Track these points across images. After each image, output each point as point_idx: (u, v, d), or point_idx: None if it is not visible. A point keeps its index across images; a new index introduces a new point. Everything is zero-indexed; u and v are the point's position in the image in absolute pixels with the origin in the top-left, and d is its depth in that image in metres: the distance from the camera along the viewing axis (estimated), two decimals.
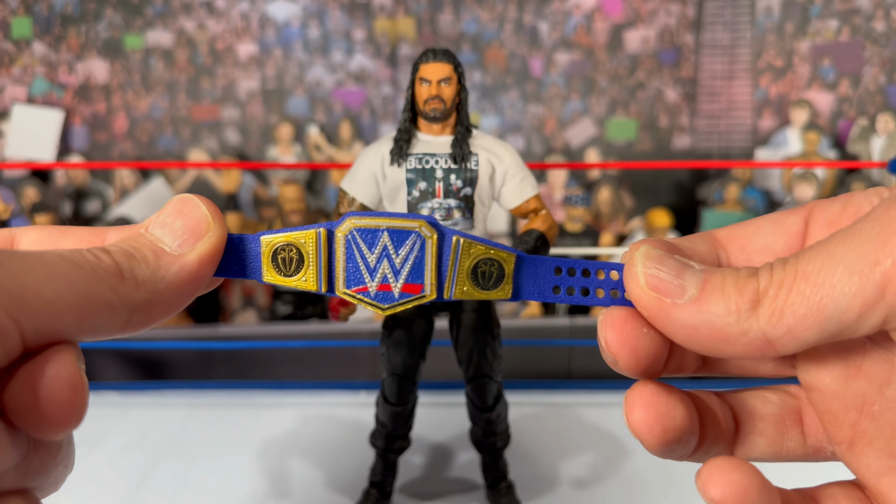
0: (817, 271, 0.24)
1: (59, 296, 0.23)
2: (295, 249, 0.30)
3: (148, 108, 2.66)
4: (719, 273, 0.26)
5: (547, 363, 1.68)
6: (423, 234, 0.29)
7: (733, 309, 0.25)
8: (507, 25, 2.66)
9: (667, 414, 0.28)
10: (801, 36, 2.60)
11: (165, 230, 0.28)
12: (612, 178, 2.54)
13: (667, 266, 0.27)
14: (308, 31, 2.64)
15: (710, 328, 0.25)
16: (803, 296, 0.24)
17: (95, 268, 0.25)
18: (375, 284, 0.30)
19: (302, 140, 2.65)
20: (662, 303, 0.26)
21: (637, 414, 0.28)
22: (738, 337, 0.25)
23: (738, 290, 0.25)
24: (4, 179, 2.56)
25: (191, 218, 0.29)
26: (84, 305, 0.24)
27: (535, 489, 1.16)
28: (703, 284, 0.26)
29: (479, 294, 0.30)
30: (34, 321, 0.22)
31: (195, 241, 0.28)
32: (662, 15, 2.63)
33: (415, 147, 0.95)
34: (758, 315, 0.25)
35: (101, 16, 2.60)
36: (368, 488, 1.09)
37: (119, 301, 0.25)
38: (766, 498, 0.26)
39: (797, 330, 0.24)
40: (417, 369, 1.02)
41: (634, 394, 0.28)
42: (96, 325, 0.24)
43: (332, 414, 1.44)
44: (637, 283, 0.27)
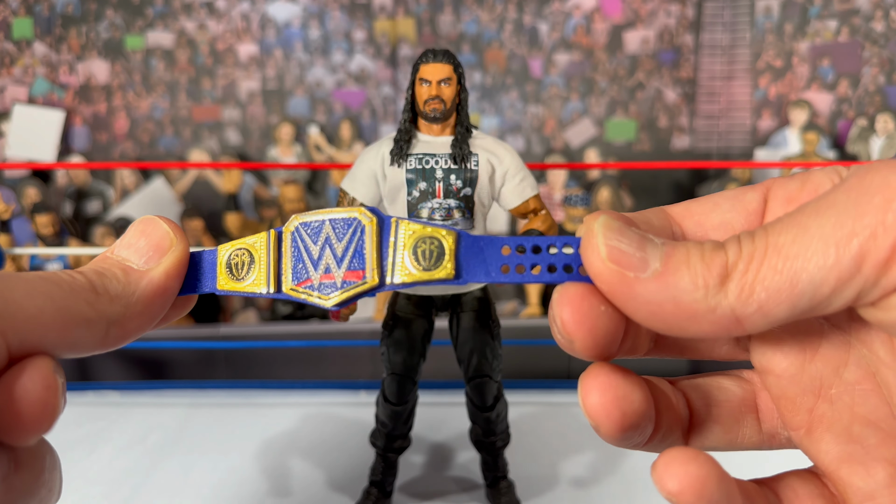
0: (790, 243, 0.22)
1: (41, 310, 0.24)
2: (246, 253, 0.31)
3: (149, 109, 2.67)
4: (682, 246, 0.24)
5: (546, 363, 1.68)
6: (362, 221, 0.30)
7: (700, 284, 0.23)
8: (507, 26, 2.66)
9: (625, 397, 0.26)
10: (801, 36, 2.61)
11: (131, 250, 0.30)
12: (611, 178, 2.55)
13: (628, 238, 0.25)
14: (308, 32, 2.64)
15: (676, 305, 0.23)
16: (775, 270, 0.22)
17: (72, 285, 0.26)
18: (318, 275, 0.30)
19: (302, 140, 2.66)
20: (624, 277, 0.24)
21: (593, 397, 0.26)
22: (706, 314, 0.23)
23: (704, 263, 0.24)
24: (5, 179, 2.56)
25: (153, 236, 0.30)
26: (65, 319, 0.25)
27: (534, 488, 1.17)
28: (667, 258, 0.24)
29: (422, 275, 0.29)
30: (19, 335, 0.23)
31: (159, 257, 0.30)
32: (662, 15, 2.64)
33: (415, 147, 0.96)
34: (727, 290, 0.23)
35: (101, 16, 2.60)
36: (369, 487, 1.09)
37: (96, 315, 0.26)
38: (724, 489, 0.24)
39: (768, 306, 0.23)
40: (417, 369, 1.02)
41: (590, 377, 0.26)
42: (77, 338, 0.25)
43: (333, 413, 1.45)
44: (598, 255, 0.25)
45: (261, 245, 0.31)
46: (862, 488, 0.25)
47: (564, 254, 0.28)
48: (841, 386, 0.26)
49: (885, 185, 0.21)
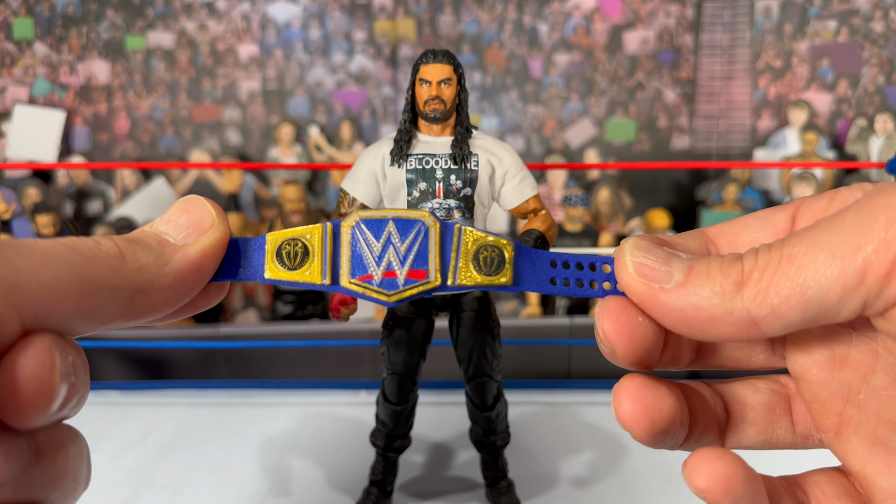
0: (802, 254, 0.25)
1: (56, 278, 0.22)
2: (300, 244, 0.31)
3: (149, 109, 2.67)
4: (705, 259, 0.28)
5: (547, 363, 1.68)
6: (426, 223, 0.31)
7: (717, 290, 0.26)
8: (507, 26, 2.66)
9: (654, 406, 0.28)
10: (800, 37, 2.61)
11: (170, 225, 0.29)
12: (611, 178, 2.55)
13: (654, 255, 0.28)
14: (309, 32, 2.65)
15: (697, 310, 0.26)
16: (787, 277, 0.25)
17: (94, 251, 0.25)
18: (381, 272, 0.31)
19: (303, 140, 2.66)
20: (651, 288, 0.27)
21: (625, 406, 0.29)
22: (724, 317, 0.26)
23: (722, 273, 0.26)
24: (6, 180, 2.56)
25: (195, 213, 0.29)
26: (83, 287, 0.23)
27: (534, 488, 1.17)
28: (689, 270, 0.27)
29: (483, 279, 0.31)
30: (33, 306, 0.22)
31: (198, 234, 0.29)
32: (661, 16, 2.64)
33: (415, 147, 0.96)
34: (742, 295, 0.26)
35: (102, 17, 2.61)
36: (369, 487, 1.10)
37: (120, 282, 0.25)
38: (750, 486, 0.27)
39: (780, 310, 0.25)
40: (418, 369, 1.03)
41: (622, 387, 0.29)
42: (96, 307, 0.24)
43: (333, 413, 1.45)
44: (626, 271, 0.28)
45: (316, 237, 0.31)
46: (885, 487, 0.27)
47: (603, 272, 0.31)
48: (869, 392, 0.28)
49: (889, 205, 0.24)
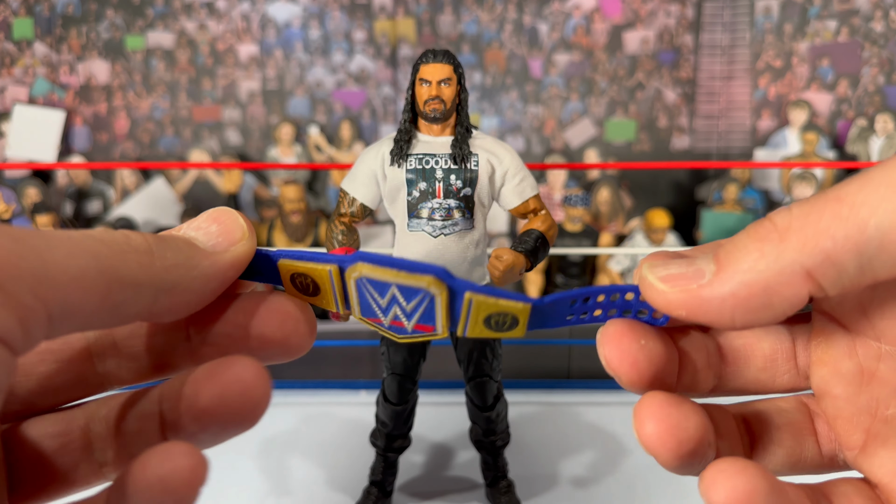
0: (855, 192, 0.22)
1: (83, 271, 0.22)
2: (310, 279, 0.31)
3: (149, 109, 2.67)
4: (727, 241, 0.25)
5: (546, 363, 1.68)
6: (431, 292, 0.29)
7: (758, 255, 0.23)
8: (507, 26, 2.66)
9: (679, 425, 0.26)
10: (800, 37, 2.61)
11: (200, 232, 0.28)
12: (611, 178, 2.55)
13: (674, 262, 0.26)
14: (309, 32, 2.65)
15: (747, 286, 0.24)
16: (840, 217, 0.22)
17: (123, 245, 0.24)
18: (388, 320, 0.30)
19: (302, 140, 2.66)
20: (689, 291, 0.25)
21: (648, 427, 0.26)
22: (777, 279, 0.23)
23: (754, 238, 0.24)
24: (6, 180, 2.56)
25: (226, 224, 0.28)
26: (109, 281, 0.23)
27: (534, 488, 1.17)
28: (717, 258, 0.25)
29: (492, 334, 0.30)
30: (60, 299, 0.21)
31: (228, 245, 0.28)
32: (661, 16, 2.64)
33: (415, 147, 0.96)
34: (788, 247, 0.23)
35: (102, 16, 2.61)
36: (369, 487, 1.10)
37: (146, 279, 0.24)
38: (773, 501, 0.24)
39: (836, 254, 0.22)
40: (418, 369, 1.03)
41: (643, 406, 0.27)
42: (121, 302, 0.23)
43: (333, 413, 1.45)
44: (657, 289, 0.26)
45: (323, 277, 0.30)
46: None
47: (625, 300, 0.29)
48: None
49: None
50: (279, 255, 0.30)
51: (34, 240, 0.21)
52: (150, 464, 0.24)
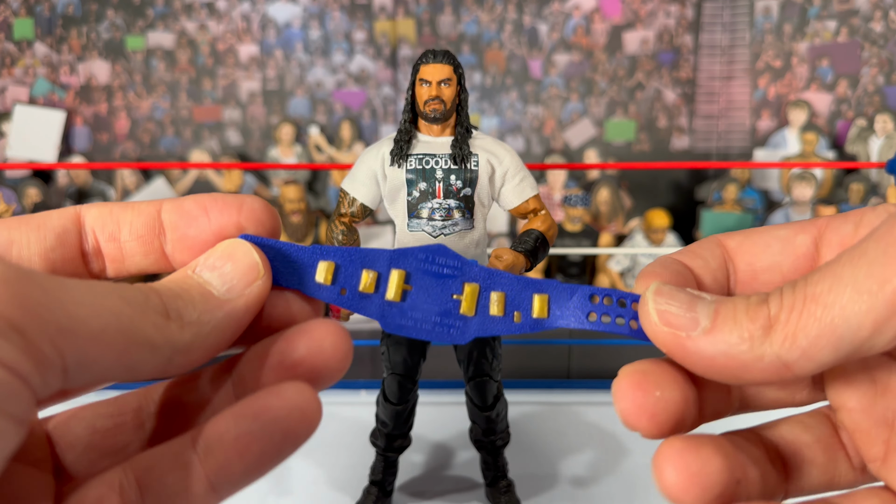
0: (826, 293, 0.24)
1: (104, 329, 0.22)
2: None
3: (149, 109, 2.67)
4: (730, 302, 0.27)
5: (547, 363, 1.68)
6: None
7: (746, 336, 0.25)
8: (507, 27, 2.67)
9: (701, 471, 0.26)
10: (800, 37, 2.61)
11: (214, 273, 0.28)
12: (611, 178, 2.55)
13: (677, 300, 0.27)
14: (309, 33, 2.65)
15: (726, 357, 0.26)
16: (815, 318, 0.24)
17: (143, 305, 0.24)
18: None
19: (303, 141, 2.66)
20: (677, 337, 0.26)
21: (670, 477, 0.26)
22: (755, 363, 0.25)
23: (749, 317, 0.26)
24: (6, 180, 2.57)
25: (241, 263, 0.28)
26: (128, 342, 0.23)
27: (534, 488, 1.17)
28: (715, 315, 0.26)
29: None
30: (78, 353, 0.21)
31: (244, 287, 0.28)
32: (661, 16, 2.64)
33: (415, 148, 0.96)
34: (771, 340, 0.25)
35: (102, 17, 2.61)
36: (369, 487, 1.10)
37: (163, 341, 0.24)
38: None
39: (811, 351, 0.24)
40: (418, 368, 1.03)
41: (662, 455, 0.27)
42: (137, 363, 0.24)
43: (333, 413, 1.45)
44: (651, 320, 0.27)
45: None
46: None
47: (633, 310, 0.31)
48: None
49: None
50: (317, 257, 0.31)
51: (61, 292, 0.22)
52: (287, 394, 0.26)
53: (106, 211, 0.30)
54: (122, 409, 0.29)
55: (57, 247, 0.28)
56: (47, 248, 0.28)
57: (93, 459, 0.28)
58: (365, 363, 1.70)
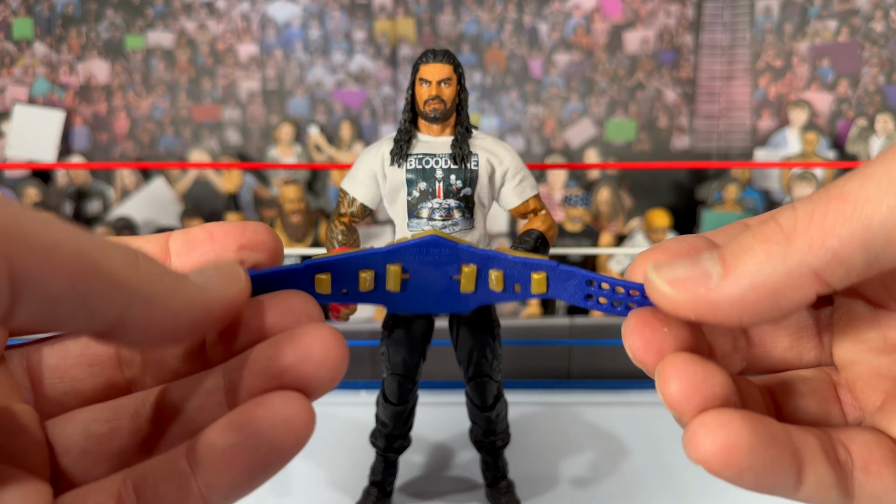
0: (857, 189, 0.22)
1: (58, 243, 0.20)
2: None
3: (149, 109, 2.67)
4: (733, 242, 0.25)
5: (547, 363, 1.68)
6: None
7: (765, 258, 0.23)
8: (507, 26, 2.66)
9: (705, 382, 0.25)
10: (800, 36, 2.61)
11: (198, 274, 0.27)
12: (611, 178, 2.55)
13: (679, 263, 0.26)
14: (308, 32, 2.65)
15: (755, 290, 0.24)
16: (844, 216, 0.22)
17: (108, 243, 0.22)
18: None
19: (302, 140, 2.66)
20: (697, 296, 0.25)
21: (672, 386, 0.25)
22: (786, 282, 0.23)
23: (760, 240, 0.24)
24: (5, 180, 2.56)
25: (223, 271, 0.28)
26: (84, 266, 0.21)
27: (534, 488, 1.17)
28: (723, 259, 0.25)
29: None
30: (27, 264, 0.19)
31: (221, 285, 0.27)
32: (661, 16, 2.64)
33: (415, 147, 0.96)
34: (794, 249, 0.23)
35: (102, 16, 2.61)
36: (369, 487, 1.10)
37: (125, 279, 0.22)
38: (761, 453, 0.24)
39: (843, 253, 0.22)
40: (418, 369, 1.03)
41: (667, 365, 0.26)
42: (93, 294, 0.21)
43: (332, 413, 1.45)
44: (663, 293, 0.26)
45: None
46: None
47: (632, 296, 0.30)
48: None
49: None
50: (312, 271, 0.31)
51: (9, 204, 0.20)
52: (273, 405, 0.25)
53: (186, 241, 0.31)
54: (118, 414, 0.29)
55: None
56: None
57: (88, 465, 0.28)
58: (365, 363, 1.70)
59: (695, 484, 1.18)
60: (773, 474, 0.24)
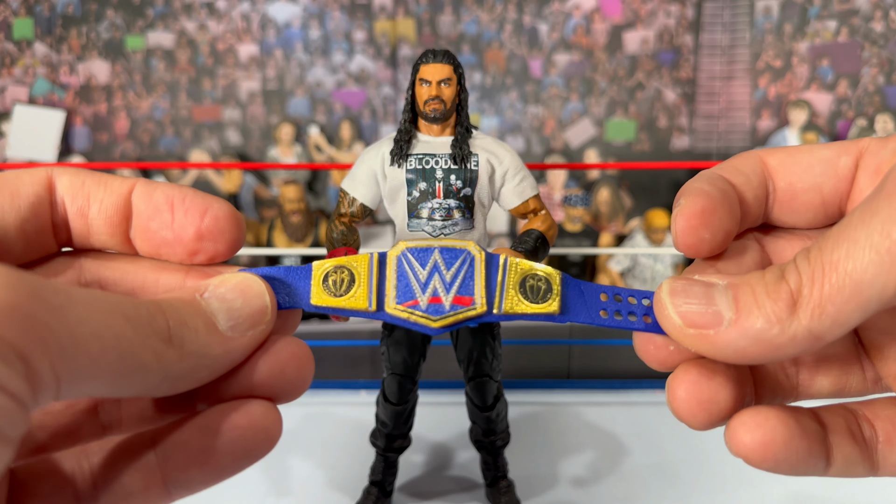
0: (844, 259, 0.24)
1: (103, 352, 0.21)
2: (346, 271, 0.31)
3: (149, 109, 2.67)
4: (747, 286, 0.27)
5: (547, 363, 1.68)
6: (472, 252, 0.31)
7: (773, 319, 0.25)
8: (507, 26, 2.66)
9: (710, 399, 0.28)
10: (800, 37, 2.61)
11: (223, 306, 0.27)
12: (611, 178, 2.55)
13: (696, 297, 0.27)
14: (309, 32, 2.65)
15: (758, 344, 0.26)
16: (839, 287, 0.24)
17: (146, 328, 0.23)
18: (426, 298, 0.31)
19: (303, 140, 2.66)
20: (705, 336, 0.26)
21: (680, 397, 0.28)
22: (788, 344, 0.25)
23: (771, 298, 0.26)
24: None
25: (252, 305, 0.27)
26: (124, 366, 0.22)
27: (534, 488, 1.17)
28: (736, 304, 0.26)
29: (528, 307, 0.31)
30: (73, 376, 0.21)
31: (248, 328, 0.27)
32: (661, 16, 2.64)
33: (415, 147, 0.96)
34: (798, 316, 0.25)
35: (102, 17, 2.61)
36: (369, 487, 1.10)
37: (157, 367, 0.23)
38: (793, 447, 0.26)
39: (841, 318, 0.24)
40: (418, 368, 1.03)
41: (676, 381, 0.28)
42: (125, 386, 0.23)
43: (333, 413, 1.45)
44: (674, 324, 0.27)
45: (362, 266, 0.31)
46: None
47: (644, 305, 0.31)
48: None
49: None
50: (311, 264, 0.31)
51: (66, 310, 0.21)
52: (252, 413, 0.26)
53: (78, 182, 0.29)
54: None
55: (31, 217, 0.28)
56: (22, 218, 0.27)
57: (42, 440, 0.28)
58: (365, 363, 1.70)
59: (695, 484, 1.18)
60: (806, 461, 0.27)
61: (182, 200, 0.29)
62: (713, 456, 1.22)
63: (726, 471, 1.18)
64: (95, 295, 0.22)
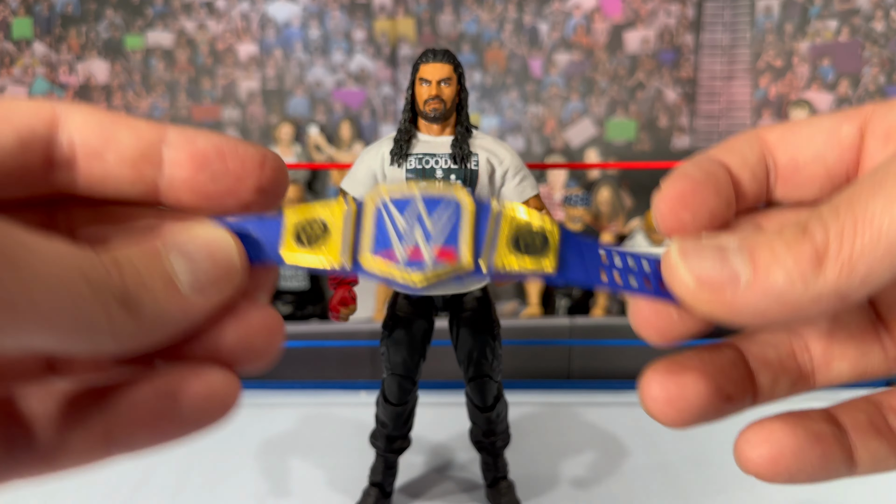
0: (880, 213, 0.22)
1: (54, 312, 0.20)
2: (320, 221, 0.29)
3: (148, 108, 2.67)
4: (764, 243, 0.24)
5: (547, 363, 1.68)
6: (458, 200, 0.28)
7: (797, 277, 0.23)
8: (507, 26, 2.66)
9: (679, 396, 0.26)
10: (801, 36, 2.61)
11: (188, 266, 0.24)
12: (611, 178, 2.55)
13: (708, 255, 0.25)
14: (308, 32, 2.64)
15: (781, 304, 0.24)
16: (874, 242, 0.23)
17: (103, 288, 0.21)
18: (406, 250, 0.28)
19: (302, 140, 2.66)
20: (722, 298, 0.24)
21: (651, 405, 0.26)
22: (811, 304, 0.24)
23: (793, 256, 0.24)
24: None
25: (220, 265, 0.25)
26: (72, 326, 0.21)
27: (534, 488, 1.17)
28: (753, 262, 0.24)
29: (520, 263, 0.28)
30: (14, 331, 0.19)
31: (213, 293, 0.25)
32: (662, 15, 2.64)
33: (415, 147, 0.96)
34: (825, 275, 0.23)
35: (101, 16, 2.60)
36: (369, 488, 1.09)
37: (107, 329, 0.22)
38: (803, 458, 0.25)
39: (872, 277, 0.23)
40: (417, 369, 1.02)
41: (646, 379, 0.27)
42: (71, 346, 0.21)
43: (332, 414, 1.45)
44: (686, 287, 0.25)
45: (337, 214, 0.28)
46: None
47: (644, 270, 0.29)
48: None
49: None
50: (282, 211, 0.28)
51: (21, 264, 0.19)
52: (211, 381, 0.24)
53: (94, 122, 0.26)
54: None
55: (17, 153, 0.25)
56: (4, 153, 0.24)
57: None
58: (365, 364, 1.69)
59: (694, 484, 1.18)
60: (824, 467, 0.26)
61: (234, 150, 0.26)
62: (713, 456, 1.22)
63: (726, 471, 1.18)
64: (58, 249, 0.20)
